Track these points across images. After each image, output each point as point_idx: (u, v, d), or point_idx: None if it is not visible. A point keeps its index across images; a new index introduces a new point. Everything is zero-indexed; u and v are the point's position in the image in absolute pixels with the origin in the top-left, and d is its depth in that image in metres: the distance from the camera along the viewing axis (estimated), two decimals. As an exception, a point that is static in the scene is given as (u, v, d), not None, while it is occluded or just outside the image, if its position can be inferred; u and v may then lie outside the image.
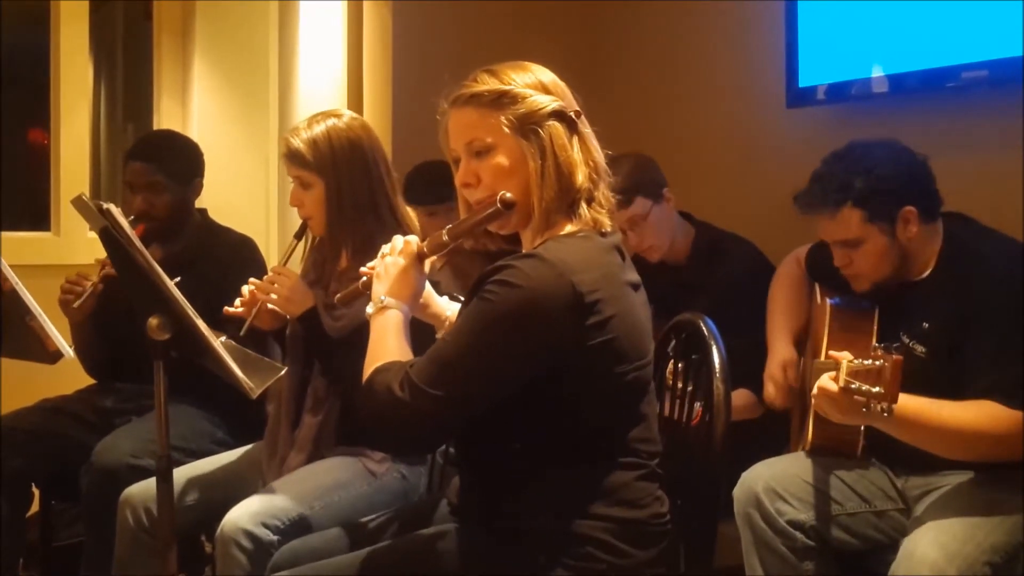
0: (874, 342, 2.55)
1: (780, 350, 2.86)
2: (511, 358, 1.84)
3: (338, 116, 2.68)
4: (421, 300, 2.10)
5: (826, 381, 2.14)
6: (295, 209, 2.71)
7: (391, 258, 2.04)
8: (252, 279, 2.64)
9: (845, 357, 2.11)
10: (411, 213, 2.72)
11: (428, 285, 2.15)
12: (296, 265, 2.79)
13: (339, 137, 2.62)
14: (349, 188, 2.62)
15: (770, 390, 2.82)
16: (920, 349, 2.48)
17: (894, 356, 2.01)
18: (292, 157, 2.63)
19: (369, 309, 2.02)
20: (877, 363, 2.03)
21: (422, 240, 2.07)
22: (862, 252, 2.53)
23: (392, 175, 2.71)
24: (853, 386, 2.05)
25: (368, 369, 1.93)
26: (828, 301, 2.69)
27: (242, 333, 2.56)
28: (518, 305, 1.81)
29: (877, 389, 2.01)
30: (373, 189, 2.64)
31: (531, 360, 1.84)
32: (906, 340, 2.50)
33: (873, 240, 2.51)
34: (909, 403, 2.17)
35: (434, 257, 2.08)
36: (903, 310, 2.54)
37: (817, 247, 2.88)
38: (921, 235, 2.51)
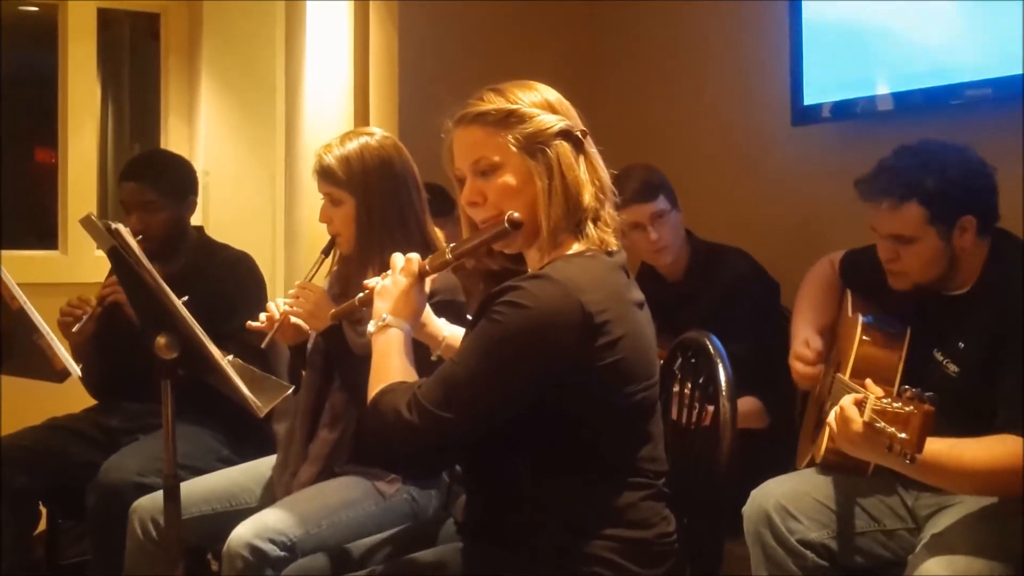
0: (901, 367, 2.50)
1: (802, 333, 2.78)
2: (520, 379, 1.83)
3: (371, 135, 2.68)
4: (421, 319, 2.09)
5: (851, 409, 2.08)
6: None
7: (393, 276, 2.03)
8: (280, 299, 2.63)
9: (874, 392, 2.05)
10: (439, 233, 2.71)
11: (427, 306, 2.14)
12: (321, 281, 2.79)
13: (371, 155, 2.62)
14: (379, 206, 2.62)
15: (797, 367, 2.74)
16: (953, 368, 2.44)
17: (926, 407, 1.93)
18: (324, 174, 2.64)
19: (370, 328, 2.01)
20: (907, 408, 1.95)
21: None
22: (913, 251, 2.47)
23: (423, 194, 2.70)
24: (878, 425, 1.98)
25: (373, 390, 1.92)
26: (860, 318, 2.61)
27: (263, 345, 2.57)
28: (527, 326, 1.80)
29: (903, 436, 1.94)
30: (403, 208, 2.64)
31: (540, 380, 1.83)
32: (939, 357, 2.47)
33: (928, 241, 2.45)
34: (930, 447, 2.04)
35: (435, 275, 2.07)
36: (938, 326, 2.50)
37: (852, 253, 2.84)
38: (972, 246, 2.46)
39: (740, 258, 3.28)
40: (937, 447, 2.12)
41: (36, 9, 4.78)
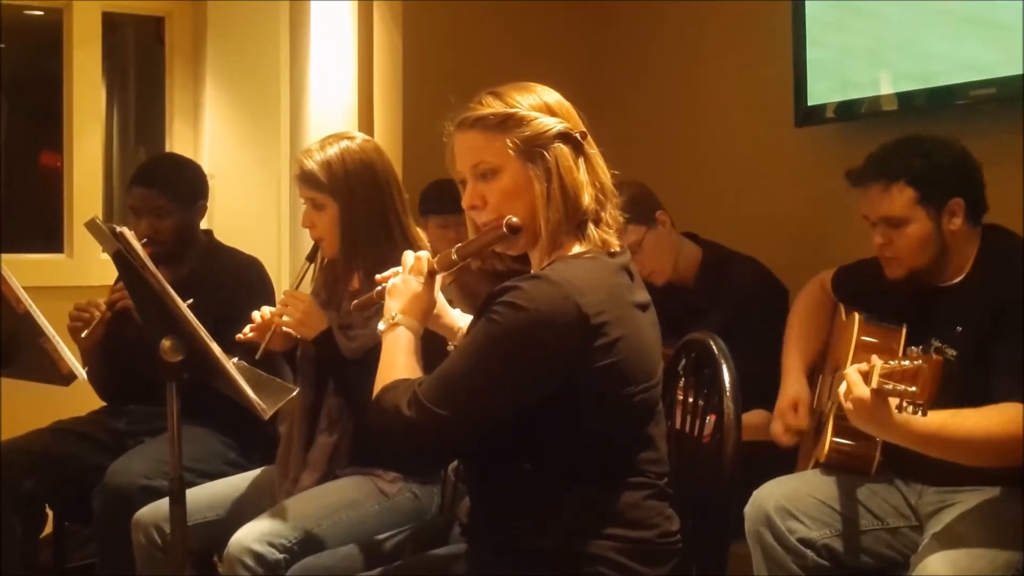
0: (901, 353, 2.53)
1: (792, 385, 2.83)
2: (517, 379, 1.84)
3: (351, 138, 2.68)
4: (435, 311, 2.11)
5: (855, 376, 2.12)
6: (307, 230, 2.72)
7: (403, 275, 2.05)
8: (265, 307, 2.64)
9: (877, 360, 2.09)
10: (421, 233, 2.73)
11: (442, 298, 2.16)
12: (308, 287, 2.80)
13: (352, 159, 2.63)
14: (363, 209, 2.62)
15: (777, 428, 2.80)
16: (951, 353, 2.47)
17: (935, 357, 2.01)
18: (305, 179, 2.63)
19: (381, 326, 2.03)
20: (915, 363, 2.01)
21: (433, 256, 2.07)
22: (905, 234, 2.52)
23: (404, 196, 2.71)
24: (887, 387, 2.03)
25: (377, 387, 1.94)
26: (857, 316, 2.66)
27: (257, 356, 2.56)
28: (524, 327, 1.81)
29: (913, 388, 1.99)
30: (386, 210, 2.65)
31: (537, 381, 1.84)
32: (937, 344, 2.49)
33: (919, 223, 2.51)
34: (933, 418, 2.13)
35: (445, 273, 2.09)
36: (934, 316, 2.54)
37: (844, 268, 2.88)
38: (963, 233, 2.51)
39: (752, 269, 3.26)
40: (940, 417, 2.18)
41: (41, 13, 4.79)
